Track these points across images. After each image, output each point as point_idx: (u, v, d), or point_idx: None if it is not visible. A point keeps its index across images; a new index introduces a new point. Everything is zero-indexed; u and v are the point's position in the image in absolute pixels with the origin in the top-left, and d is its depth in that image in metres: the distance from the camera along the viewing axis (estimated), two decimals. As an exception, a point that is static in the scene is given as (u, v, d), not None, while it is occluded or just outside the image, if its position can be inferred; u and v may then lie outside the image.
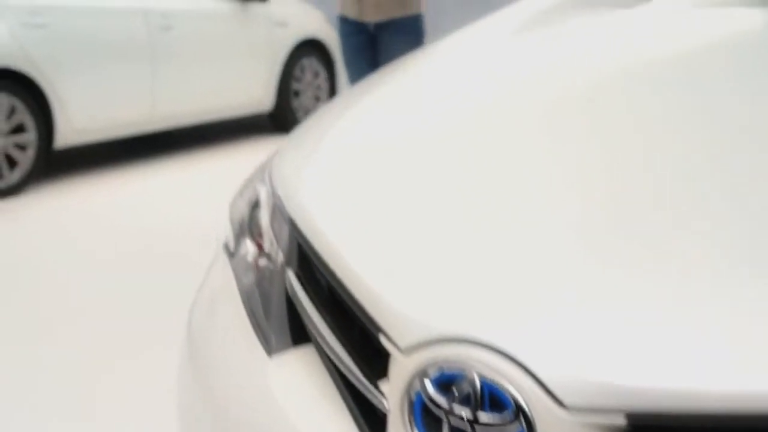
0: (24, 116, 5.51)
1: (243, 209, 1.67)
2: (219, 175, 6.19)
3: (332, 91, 7.90)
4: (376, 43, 4.64)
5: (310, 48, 7.59)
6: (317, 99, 7.73)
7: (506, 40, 1.85)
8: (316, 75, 7.69)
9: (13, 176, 5.49)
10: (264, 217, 1.54)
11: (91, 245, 4.70)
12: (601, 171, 1.17)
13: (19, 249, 4.74)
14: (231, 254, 1.63)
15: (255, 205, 1.62)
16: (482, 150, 1.36)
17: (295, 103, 7.50)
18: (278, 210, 1.46)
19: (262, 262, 1.53)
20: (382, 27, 4.57)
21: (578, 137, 1.31)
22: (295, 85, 7.47)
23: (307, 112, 7.61)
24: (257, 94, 7.16)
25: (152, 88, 6.24)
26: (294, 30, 7.39)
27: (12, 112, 5.45)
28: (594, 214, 1.07)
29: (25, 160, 5.54)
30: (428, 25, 4.75)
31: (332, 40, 7.72)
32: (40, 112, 5.60)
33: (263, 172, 1.71)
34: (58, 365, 3.17)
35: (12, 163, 5.50)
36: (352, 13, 4.63)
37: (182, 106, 6.56)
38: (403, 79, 1.84)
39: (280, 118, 7.49)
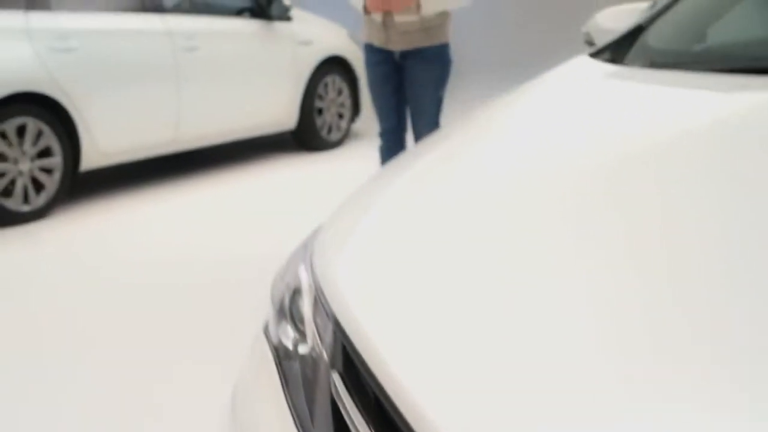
0: (50, 140, 5.53)
1: (284, 291, 1.67)
2: (244, 197, 6.23)
3: (355, 108, 7.90)
4: (402, 72, 4.62)
5: (333, 65, 7.58)
6: (340, 116, 7.73)
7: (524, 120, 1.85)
8: (339, 92, 7.69)
9: (39, 200, 5.52)
10: (306, 307, 1.54)
11: (116, 271, 4.72)
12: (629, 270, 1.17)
13: (45, 273, 4.77)
14: (271, 339, 1.62)
15: (296, 291, 1.61)
16: (519, 240, 1.35)
17: (319, 120, 7.49)
18: (321, 304, 1.46)
19: (303, 349, 1.53)
20: (408, 55, 4.55)
21: (609, 218, 1.31)
22: (318, 103, 7.47)
23: (330, 129, 7.62)
24: (281, 113, 7.16)
25: (177, 109, 6.26)
26: (318, 48, 7.39)
27: (39, 136, 5.47)
28: (631, 328, 1.06)
29: (51, 183, 5.56)
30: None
31: (355, 56, 7.73)
32: (66, 135, 5.61)
33: (305, 251, 1.70)
34: (78, 389, 3.18)
35: (38, 186, 5.51)
36: (377, 42, 4.62)
37: (207, 126, 6.58)
38: (433, 159, 1.83)
39: (303, 136, 7.49)
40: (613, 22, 2.51)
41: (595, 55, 2.14)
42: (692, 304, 1.05)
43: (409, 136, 4.75)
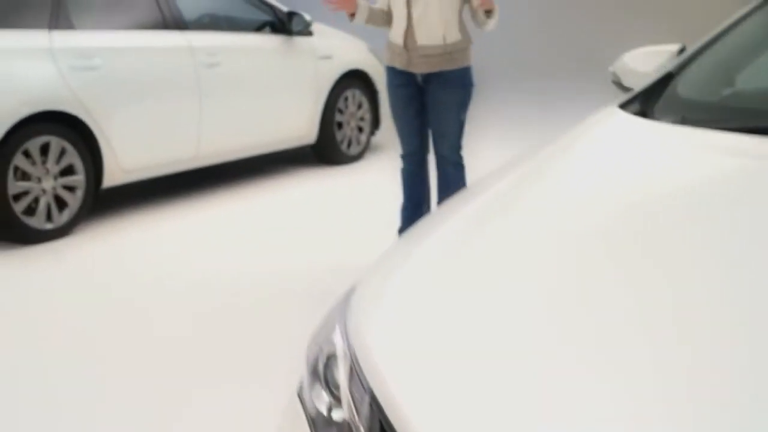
0: (73, 158, 5.56)
1: (319, 355, 1.67)
2: (265, 212, 6.27)
3: (375, 122, 7.91)
4: (425, 94, 4.63)
5: (353, 79, 7.59)
6: (360, 130, 7.75)
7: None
8: (359, 106, 7.70)
9: (62, 217, 5.55)
10: (342, 375, 1.54)
11: (134, 291, 4.77)
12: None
13: (67, 292, 4.81)
14: (306, 404, 1.63)
15: (331, 356, 1.62)
16: (562, 311, 1.36)
17: (338, 134, 7.51)
18: (357, 375, 1.46)
19: (338, 415, 1.53)
20: (430, 78, 4.56)
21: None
22: (338, 117, 7.48)
23: (350, 143, 7.64)
24: (302, 128, 7.18)
25: (199, 125, 6.28)
26: (338, 62, 7.41)
27: (62, 154, 5.51)
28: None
29: (74, 201, 5.60)
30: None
31: (375, 70, 7.75)
32: (89, 153, 5.65)
33: (340, 313, 1.71)
34: (95, 413, 3.20)
35: (61, 204, 5.54)
36: (399, 64, 4.63)
37: (227, 142, 6.60)
38: (468, 218, 1.84)
39: (323, 150, 7.51)
40: (642, 64, 2.51)
41: (625, 105, 2.14)
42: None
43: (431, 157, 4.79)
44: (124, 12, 6.10)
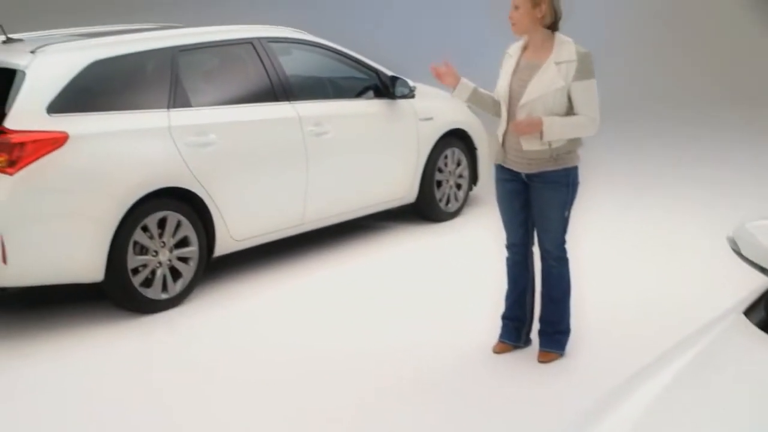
0: (188, 230, 5.80)
1: None
2: (369, 276, 6.48)
3: (473, 178, 8.03)
4: (529, 190, 4.73)
5: (453, 138, 7.72)
6: (459, 187, 7.87)
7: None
8: (458, 163, 7.83)
9: (176, 287, 5.79)
10: None
11: (241, 360, 5.04)
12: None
13: (180, 360, 5.09)
14: None
15: None
16: None
17: (438, 193, 7.65)
18: None
19: None
20: (535, 177, 4.66)
21: None
22: (437, 175, 7.62)
23: (449, 200, 7.77)
24: (403, 189, 7.35)
25: (305, 192, 6.48)
26: (439, 123, 7.54)
27: (177, 227, 5.75)
28: None
29: (188, 271, 5.84)
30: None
31: (474, 128, 7.89)
32: (202, 225, 5.88)
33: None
34: None
35: (175, 274, 5.79)
36: (498, 160, 4.77)
37: (332, 207, 6.80)
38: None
39: (422, 208, 7.66)
40: (765, 235, 2.55)
41: (749, 311, 2.22)
42: None
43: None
44: (237, 87, 6.34)
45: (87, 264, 5.40)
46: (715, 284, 5.86)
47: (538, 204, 4.71)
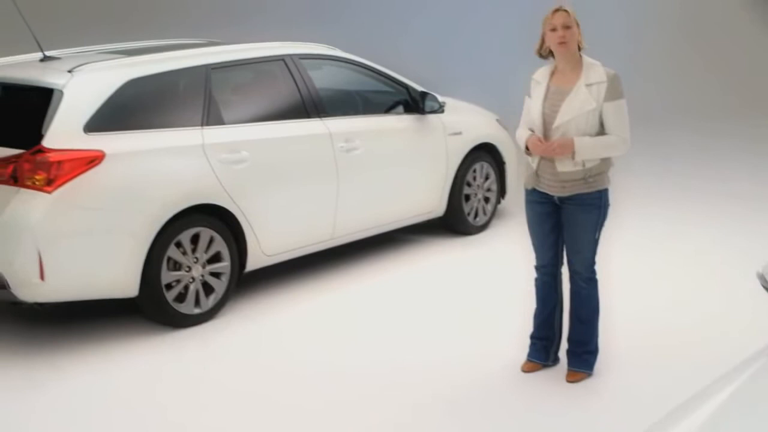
0: (220, 246, 5.89)
1: None
2: (396, 289, 6.53)
3: (502, 192, 8.08)
4: (560, 212, 4.78)
5: (481, 152, 7.77)
6: (487, 200, 7.92)
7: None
8: (486, 177, 7.88)
9: (209, 302, 5.88)
10: None
11: (271, 376, 5.13)
12: None
13: (212, 376, 5.17)
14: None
15: None
16: None
17: (466, 206, 7.71)
18: None
19: None
20: (567, 199, 4.71)
21: None
22: (466, 189, 7.67)
23: (477, 213, 7.82)
24: (432, 203, 7.41)
25: (335, 207, 6.56)
26: (468, 137, 7.60)
27: (210, 243, 5.84)
28: None
29: (220, 286, 5.92)
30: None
31: (503, 142, 7.93)
32: (234, 240, 5.97)
33: None
34: None
35: (207, 289, 5.87)
36: (531, 184, 4.81)
37: (362, 221, 6.87)
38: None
39: (450, 222, 7.71)
40: None
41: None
42: None
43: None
44: (269, 104, 6.44)
45: (122, 280, 5.49)
46: (745, 305, 5.87)
47: (569, 226, 4.76)
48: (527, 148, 4.74)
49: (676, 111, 12.65)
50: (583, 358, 4.94)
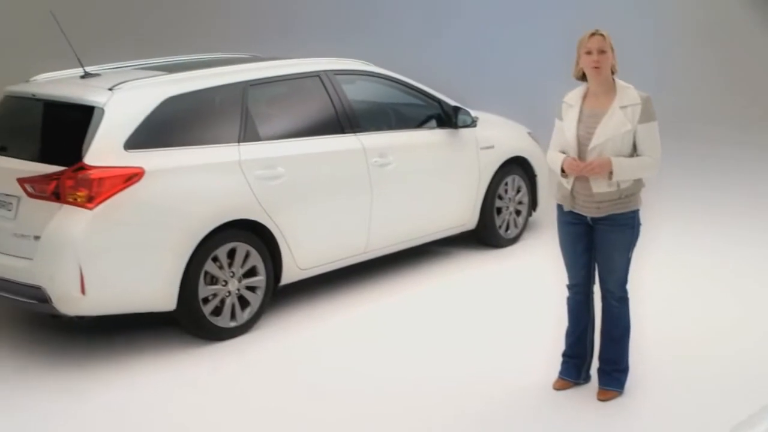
0: (256, 260, 5.99)
1: None
2: (428, 304, 6.61)
3: (533, 205, 8.13)
4: (593, 233, 4.84)
5: (513, 165, 7.83)
6: (518, 213, 7.98)
7: None
8: (518, 190, 7.93)
9: (244, 315, 5.98)
10: None
11: (305, 390, 5.23)
12: None
13: (249, 387, 5.29)
14: None
15: None
16: None
17: (498, 219, 7.77)
18: None
19: None
20: (601, 219, 4.77)
21: None
22: (497, 202, 7.73)
23: (508, 226, 7.88)
24: (464, 216, 7.48)
25: (369, 221, 6.64)
26: (500, 151, 7.66)
27: (246, 257, 5.94)
28: None
29: (255, 300, 6.02)
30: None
31: (535, 155, 7.98)
32: (269, 255, 6.07)
33: None
34: None
35: (243, 303, 5.98)
36: (567, 206, 4.86)
37: (395, 235, 6.95)
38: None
39: (482, 234, 7.77)
40: None
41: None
42: None
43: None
44: (304, 120, 6.53)
45: (160, 294, 5.60)
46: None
47: (602, 246, 4.82)
48: (563, 170, 4.79)
49: (701, 123, 12.62)
50: (614, 377, 4.99)
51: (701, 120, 12.66)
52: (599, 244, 4.83)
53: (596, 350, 5.09)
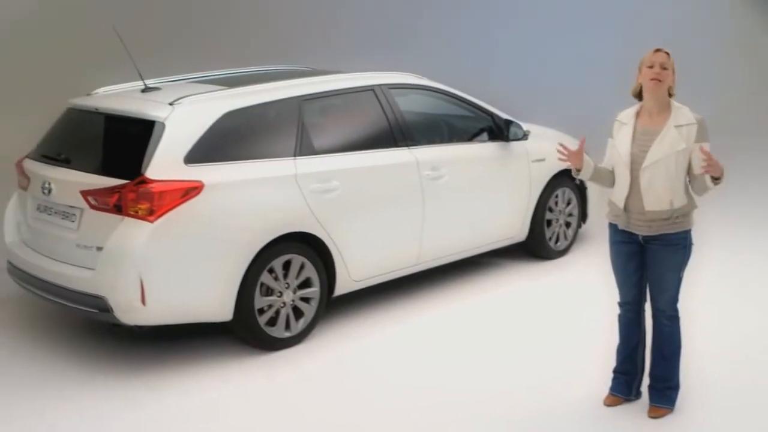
0: (310, 272, 6.10)
1: None
2: (479, 315, 6.69)
3: (583, 217, 8.16)
4: (645, 252, 4.88)
5: (563, 178, 7.86)
6: (568, 225, 8.02)
7: None
8: (568, 203, 7.98)
9: (298, 326, 6.09)
10: None
11: (363, 398, 5.34)
12: None
13: (301, 398, 5.38)
14: None
15: None
16: None
17: (548, 232, 7.81)
18: None
19: None
20: (653, 238, 4.81)
21: None
22: (547, 215, 7.78)
23: (558, 238, 7.92)
24: (514, 228, 7.54)
25: (420, 234, 6.74)
26: (551, 164, 7.68)
27: (301, 269, 6.05)
28: None
29: (309, 311, 6.14)
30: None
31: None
32: (323, 266, 6.18)
33: None
34: None
35: (297, 314, 6.09)
36: (620, 224, 4.90)
37: (446, 247, 7.04)
38: None
39: (532, 246, 7.83)
40: None
41: None
42: None
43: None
44: (358, 133, 6.62)
45: (218, 304, 5.73)
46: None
47: (654, 265, 4.86)
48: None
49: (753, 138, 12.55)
50: (665, 394, 5.03)
51: (753, 135, 12.61)
52: (651, 263, 4.87)
53: (647, 367, 5.13)
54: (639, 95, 4.86)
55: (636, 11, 15.19)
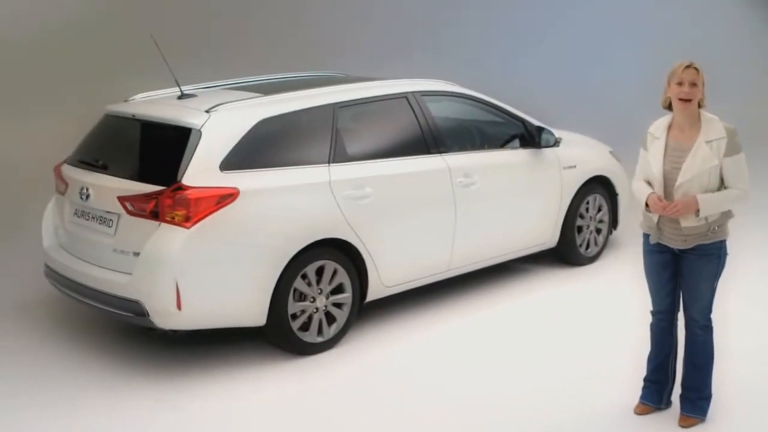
0: (343, 278, 6.16)
1: None
2: (509, 321, 6.72)
3: (614, 223, 8.17)
4: (679, 262, 4.89)
5: (594, 184, 7.88)
6: (598, 232, 8.03)
7: None
8: (599, 209, 7.99)
9: (330, 331, 6.16)
10: None
11: (394, 402, 5.39)
12: None
13: (332, 402, 5.45)
14: None
15: None
16: None
17: (578, 238, 7.83)
18: None
19: None
20: (687, 250, 4.82)
21: None
22: (578, 221, 7.80)
23: (588, 245, 7.94)
24: (545, 234, 7.57)
25: (452, 240, 6.78)
26: (581, 171, 7.72)
27: (333, 274, 6.11)
28: None
29: (341, 316, 6.20)
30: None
31: (616, 174, 8.03)
32: (356, 272, 6.23)
33: None
34: None
35: (330, 319, 6.15)
36: (654, 237, 4.92)
37: (478, 253, 7.08)
38: None
39: (562, 252, 7.85)
40: None
41: None
42: None
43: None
44: (391, 140, 6.66)
45: (252, 309, 5.80)
46: None
47: (689, 275, 4.87)
48: (647, 205, 4.86)
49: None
50: (697, 404, 5.04)
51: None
52: (685, 273, 4.89)
53: (678, 376, 5.14)
54: (670, 107, 4.86)
55: (663, 16, 15.17)
